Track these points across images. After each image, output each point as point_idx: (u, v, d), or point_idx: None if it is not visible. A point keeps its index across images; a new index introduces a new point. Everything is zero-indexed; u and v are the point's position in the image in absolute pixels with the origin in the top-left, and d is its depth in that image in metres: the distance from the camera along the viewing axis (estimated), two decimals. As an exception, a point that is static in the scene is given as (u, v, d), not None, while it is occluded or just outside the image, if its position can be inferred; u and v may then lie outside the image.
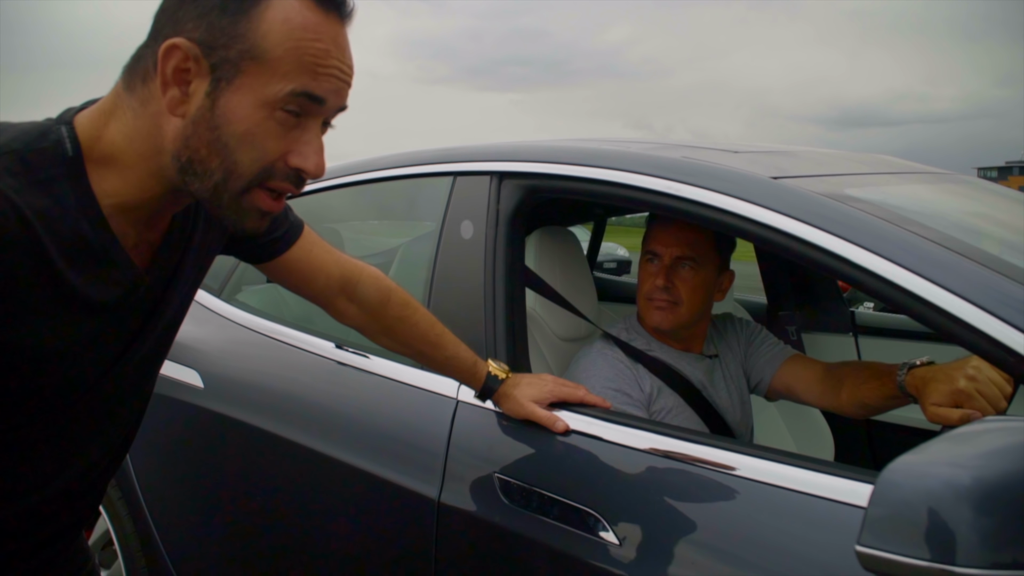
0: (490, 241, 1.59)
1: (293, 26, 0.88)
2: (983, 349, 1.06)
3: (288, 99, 0.89)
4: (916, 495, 0.81)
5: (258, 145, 0.90)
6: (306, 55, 0.89)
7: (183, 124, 0.89)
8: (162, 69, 0.87)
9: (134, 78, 0.91)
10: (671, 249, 1.75)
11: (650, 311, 1.77)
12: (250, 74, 0.87)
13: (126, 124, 0.91)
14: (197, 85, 0.88)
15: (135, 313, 1.00)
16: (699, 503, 1.24)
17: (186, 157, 0.90)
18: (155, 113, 0.90)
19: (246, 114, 0.88)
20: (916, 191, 1.70)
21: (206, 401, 1.91)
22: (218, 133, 0.88)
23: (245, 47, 0.87)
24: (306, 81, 0.89)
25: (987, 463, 0.81)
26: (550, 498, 1.32)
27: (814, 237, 1.20)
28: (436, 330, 1.45)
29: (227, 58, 0.87)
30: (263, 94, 0.88)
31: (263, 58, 0.87)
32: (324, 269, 1.35)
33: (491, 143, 1.80)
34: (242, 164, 0.90)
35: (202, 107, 0.88)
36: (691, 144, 1.70)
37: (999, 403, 1.29)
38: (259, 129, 0.89)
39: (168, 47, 0.86)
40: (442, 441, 1.48)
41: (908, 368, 1.48)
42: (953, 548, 0.78)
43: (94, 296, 0.92)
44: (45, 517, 1.08)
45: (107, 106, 0.92)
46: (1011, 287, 1.07)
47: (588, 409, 1.42)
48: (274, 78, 0.88)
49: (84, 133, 0.91)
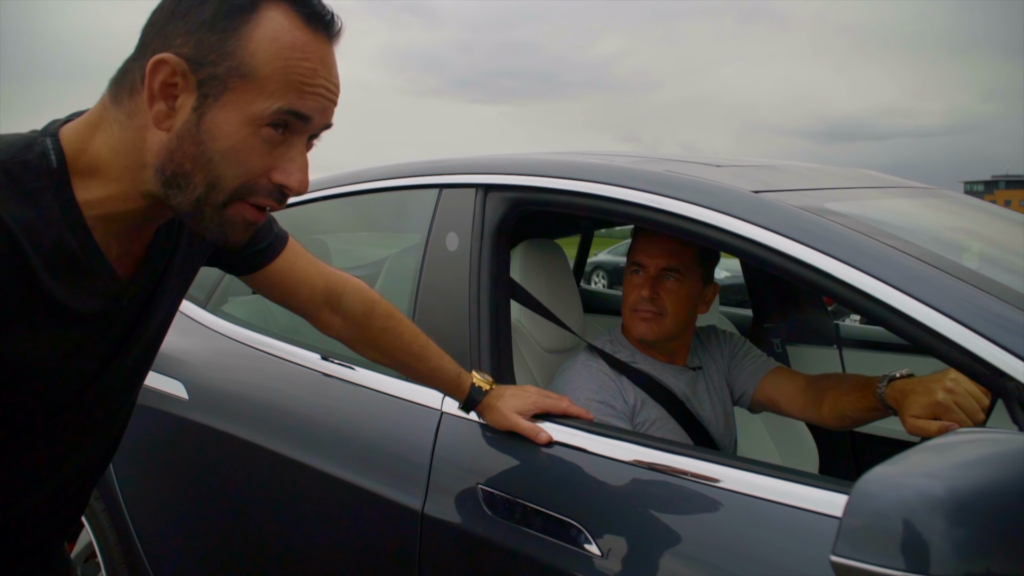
0: (475, 253, 1.60)
1: (282, 45, 0.89)
2: (959, 362, 1.08)
3: (274, 116, 0.90)
4: (890, 505, 0.81)
5: (242, 161, 0.90)
6: (293, 74, 0.90)
7: (168, 138, 0.89)
8: (149, 83, 0.87)
9: (121, 91, 0.91)
10: (656, 260, 1.76)
11: (635, 322, 1.78)
12: (237, 91, 0.88)
13: (112, 136, 0.91)
14: (184, 100, 0.88)
15: (118, 325, 1.01)
16: (682, 515, 1.24)
17: (170, 170, 0.90)
18: (140, 126, 0.90)
19: (232, 130, 0.89)
20: (896, 205, 1.72)
21: (191, 412, 1.90)
22: (203, 148, 0.89)
23: (233, 64, 0.87)
24: (293, 99, 0.90)
25: (961, 474, 0.82)
26: (533, 509, 1.32)
27: (793, 250, 1.21)
28: (420, 342, 1.45)
29: (215, 75, 0.88)
30: (250, 111, 0.89)
31: (251, 76, 0.88)
32: (308, 281, 1.36)
33: (477, 156, 1.81)
34: (225, 179, 0.91)
35: (188, 122, 0.88)
36: (675, 158, 1.72)
37: (976, 415, 1.30)
38: (244, 145, 0.90)
39: (156, 61, 0.87)
40: (426, 453, 1.49)
41: (888, 380, 1.50)
42: (927, 558, 0.79)
43: (76, 307, 0.93)
44: (27, 527, 1.08)
45: (93, 118, 0.93)
46: (987, 301, 1.08)
47: (571, 421, 1.43)
48: (261, 96, 0.89)
49: (69, 145, 0.91)
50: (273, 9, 0.89)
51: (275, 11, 0.89)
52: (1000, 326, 1.04)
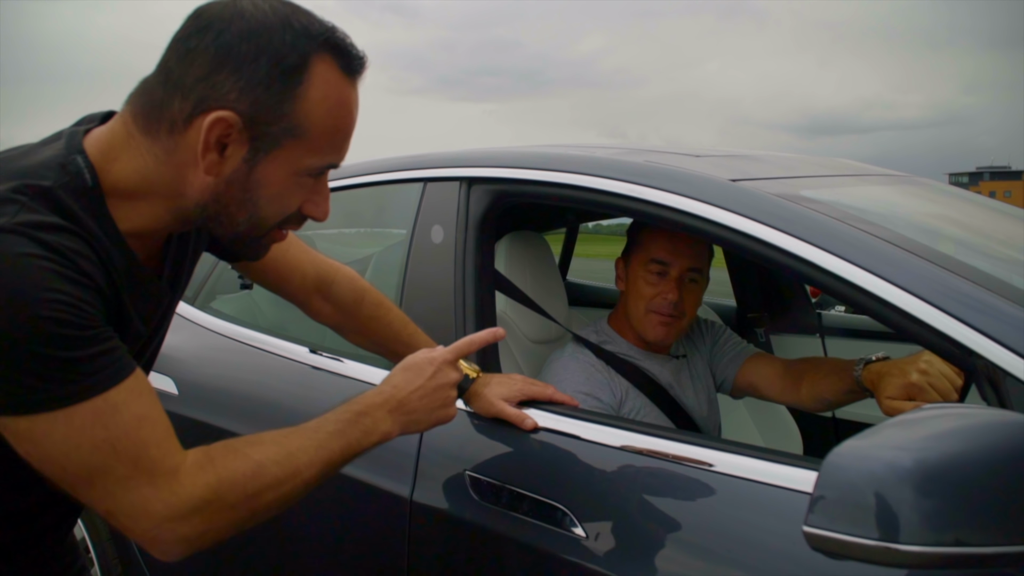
0: (460, 245, 1.62)
1: (331, 104, 0.95)
2: (931, 342, 1.10)
3: (319, 171, 0.98)
4: (860, 477, 0.84)
5: (284, 203, 0.98)
6: (338, 133, 0.97)
7: (215, 182, 0.94)
8: (206, 137, 0.91)
9: (156, 125, 0.94)
10: (682, 261, 1.75)
11: (654, 325, 1.77)
12: (288, 148, 0.94)
13: (144, 166, 0.95)
14: (234, 151, 0.93)
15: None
16: (665, 496, 1.26)
17: (214, 210, 0.96)
18: (181, 164, 0.94)
19: (279, 180, 0.96)
20: (873, 192, 1.75)
21: (180, 408, 1.92)
22: (250, 195, 0.96)
23: (288, 126, 0.93)
24: (335, 155, 0.98)
25: (928, 446, 0.85)
26: (520, 494, 1.35)
27: (769, 236, 1.24)
28: (409, 330, 1.48)
29: (269, 133, 0.92)
30: (299, 166, 0.96)
31: (303, 136, 0.94)
32: (300, 268, 1.39)
33: (461, 150, 1.83)
34: (267, 219, 0.99)
35: (238, 171, 0.94)
36: (656, 149, 1.74)
37: (950, 395, 1.34)
38: (287, 191, 0.97)
39: (216, 119, 0.90)
40: (413, 441, 1.51)
41: (864, 363, 1.53)
42: (896, 528, 0.82)
43: (143, 315, 1.00)
44: (46, 506, 1.10)
45: (118, 141, 0.95)
46: (957, 283, 1.10)
47: (556, 407, 1.45)
48: (309, 153, 0.95)
49: (97, 163, 0.94)
50: (320, 63, 0.94)
51: (323, 65, 0.94)
52: (969, 306, 1.07)
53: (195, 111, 0.91)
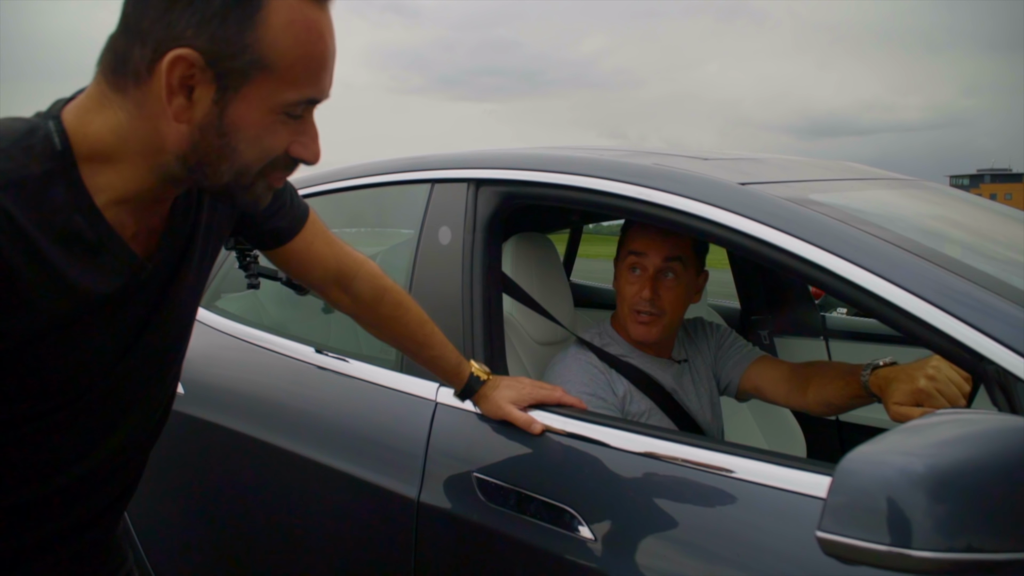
0: (467, 247, 1.62)
1: (298, 28, 0.89)
2: (940, 347, 1.10)
3: (297, 105, 0.92)
4: (873, 483, 0.84)
5: (265, 146, 0.92)
6: (312, 60, 0.91)
7: (189, 130, 0.90)
8: (168, 80, 0.86)
9: (122, 79, 0.90)
10: (655, 254, 1.76)
11: (635, 325, 1.78)
12: (258, 82, 0.89)
13: (118, 124, 0.91)
14: (201, 93, 0.88)
15: (140, 303, 1.01)
16: (672, 499, 1.27)
17: (194, 160, 0.91)
18: (152, 115, 0.90)
19: (255, 120, 0.90)
20: (879, 196, 1.75)
21: (187, 407, 1.92)
22: (227, 139, 0.90)
23: (253, 58, 0.87)
24: (313, 88, 0.92)
25: (940, 452, 0.85)
26: (527, 496, 1.35)
27: (778, 239, 1.24)
28: (425, 330, 1.47)
29: (234, 68, 0.87)
30: (273, 102, 0.90)
31: (272, 67, 0.88)
32: (322, 263, 1.38)
33: (468, 151, 1.83)
34: (250, 164, 0.93)
35: (209, 114, 0.89)
36: (663, 151, 1.74)
37: (958, 401, 1.33)
38: (266, 132, 0.92)
39: (174, 58, 0.86)
40: (421, 442, 1.51)
41: (872, 368, 1.53)
42: (909, 533, 0.82)
43: (93, 287, 0.93)
44: (79, 497, 1.09)
45: (92, 102, 0.92)
46: (967, 287, 1.10)
47: (564, 409, 1.45)
48: (282, 86, 0.90)
49: (72, 127, 0.91)
50: None
51: None
52: (980, 311, 1.07)
53: (155, 55, 0.86)
